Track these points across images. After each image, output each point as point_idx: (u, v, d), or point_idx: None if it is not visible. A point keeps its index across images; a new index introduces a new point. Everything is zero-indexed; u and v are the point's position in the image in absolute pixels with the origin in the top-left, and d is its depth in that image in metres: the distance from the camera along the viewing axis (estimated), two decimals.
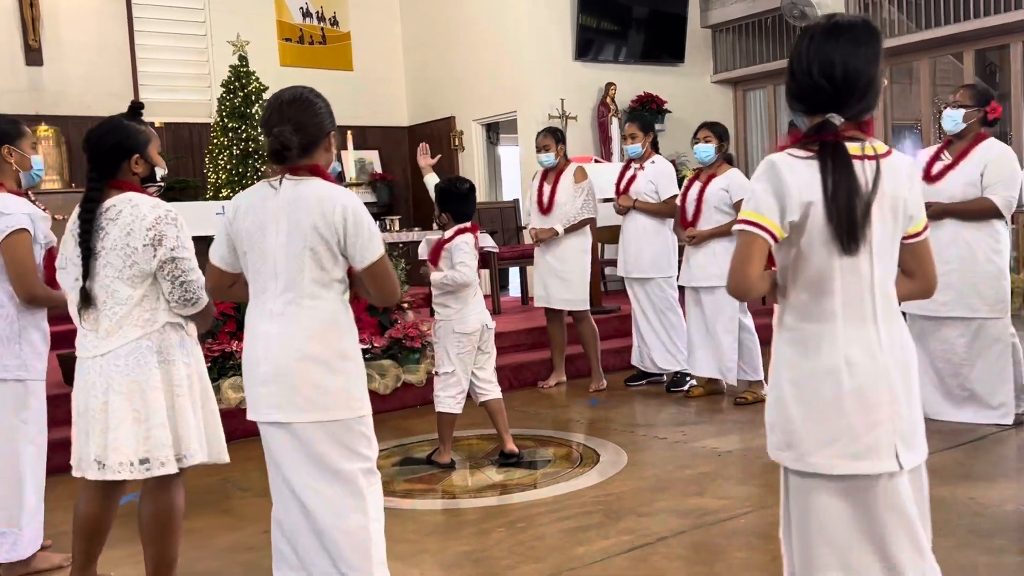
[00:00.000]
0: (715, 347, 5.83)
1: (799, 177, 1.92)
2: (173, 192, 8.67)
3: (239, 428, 5.36)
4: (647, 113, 10.06)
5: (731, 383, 5.87)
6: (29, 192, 3.51)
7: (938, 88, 9.96)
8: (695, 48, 11.45)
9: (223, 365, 5.47)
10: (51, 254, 3.31)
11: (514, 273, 10.82)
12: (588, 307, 6.46)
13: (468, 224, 4.58)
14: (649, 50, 11.02)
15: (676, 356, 6.26)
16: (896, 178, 1.96)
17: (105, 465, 2.82)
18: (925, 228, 2.05)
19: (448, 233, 4.53)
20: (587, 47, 10.59)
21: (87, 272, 2.82)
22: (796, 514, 2.07)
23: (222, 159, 9.64)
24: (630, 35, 10.90)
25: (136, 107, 3.09)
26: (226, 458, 3.10)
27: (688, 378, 6.24)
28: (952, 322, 4.82)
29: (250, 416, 2.67)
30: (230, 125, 9.80)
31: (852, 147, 1.93)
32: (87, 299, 2.84)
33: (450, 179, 4.84)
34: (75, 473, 2.95)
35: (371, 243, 2.54)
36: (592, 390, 6.40)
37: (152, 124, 10.45)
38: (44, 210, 3.47)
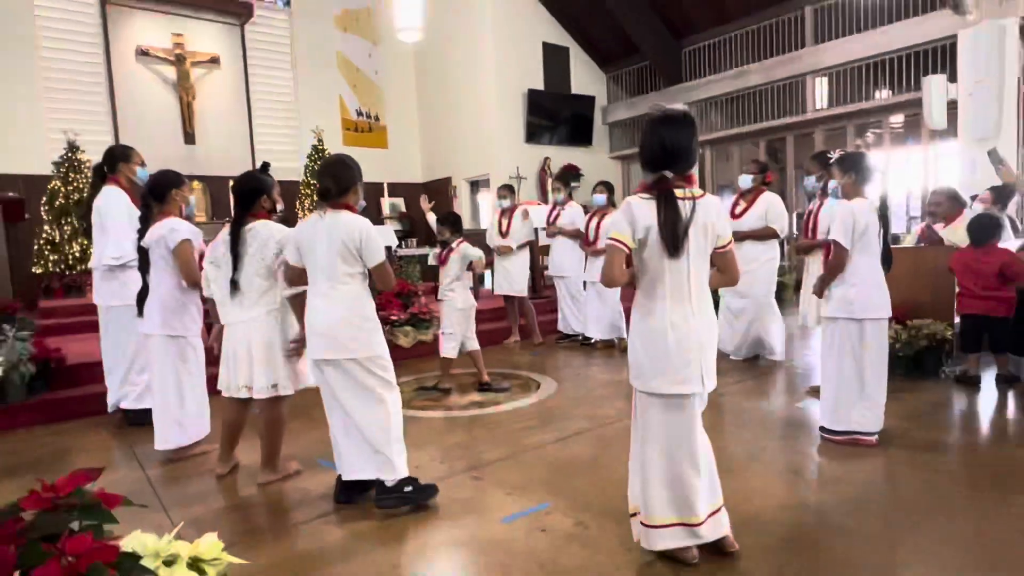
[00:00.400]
0: (608, 318, 5.93)
1: (643, 211, 1.96)
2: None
3: None
4: (568, 174, 10.10)
5: (621, 336, 5.91)
6: (188, 218, 3.47)
7: (743, 162, 10.10)
8: (599, 136, 11.49)
9: None
10: (201, 256, 3.28)
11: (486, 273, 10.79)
12: (526, 294, 6.50)
13: (461, 237, 4.60)
14: (570, 137, 11.05)
15: (583, 323, 6.29)
16: (707, 211, 1.99)
17: (252, 388, 2.89)
18: (729, 243, 2.08)
19: (454, 244, 4.53)
20: (533, 134, 10.59)
21: (235, 269, 2.84)
22: (640, 419, 2.11)
23: (306, 204, 9.52)
24: (559, 128, 10.91)
25: (265, 165, 3.09)
26: (312, 383, 2.98)
27: (592, 338, 6.26)
28: (746, 297, 4.98)
29: (309, 356, 2.67)
30: (310, 182, 9.69)
31: (678, 192, 1.97)
32: (235, 286, 2.86)
33: (452, 212, 4.85)
34: (225, 394, 2.98)
35: (376, 252, 2.60)
36: (534, 344, 6.42)
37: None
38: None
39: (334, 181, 2.61)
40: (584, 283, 6.26)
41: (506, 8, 10.23)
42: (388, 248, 7.13)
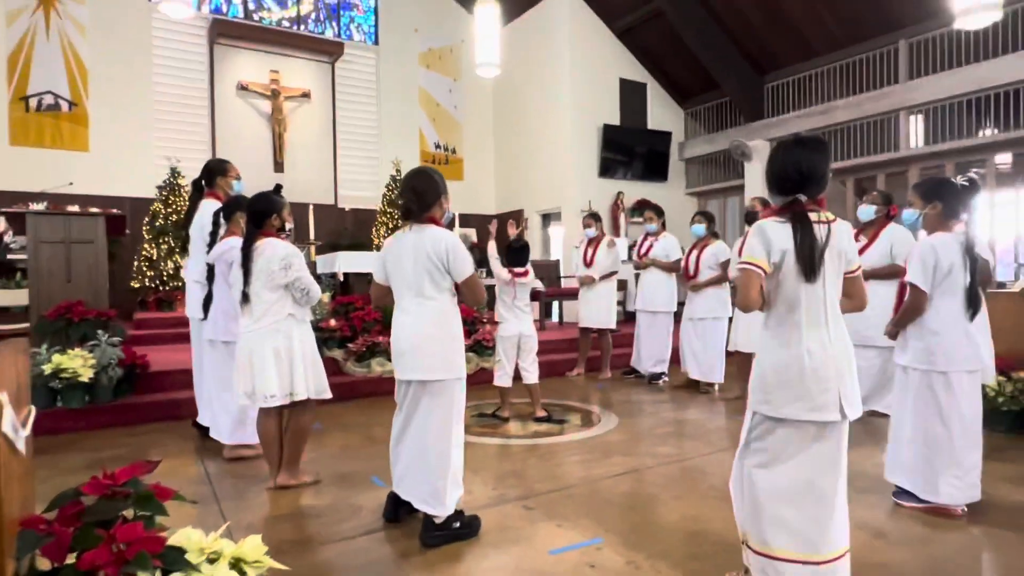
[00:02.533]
0: (708, 360, 5.53)
1: (779, 234, 1.91)
2: (352, 248, 8.84)
3: (374, 389, 5.44)
4: (659, 207, 9.96)
5: (714, 381, 5.55)
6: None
7: (831, 200, 9.64)
8: (674, 172, 11.33)
9: (373, 349, 5.51)
10: None
11: (554, 305, 10.72)
12: (614, 327, 6.26)
13: (519, 269, 4.54)
14: (645, 172, 10.93)
15: (659, 363, 6.04)
16: (840, 236, 1.94)
17: (253, 396, 2.99)
18: (858, 268, 2.01)
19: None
20: (606, 168, 10.55)
21: (245, 283, 2.99)
22: (763, 443, 1.97)
23: (383, 230, 9.85)
24: (634, 163, 10.83)
25: (278, 187, 3.21)
26: (329, 395, 3.13)
27: (663, 376, 6.03)
28: (871, 347, 4.37)
29: (396, 376, 2.63)
30: (387, 210, 10.04)
31: (812, 216, 1.91)
32: (246, 298, 3.01)
33: (513, 241, 4.75)
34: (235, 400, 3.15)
35: (465, 265, 2.55)
36: (600, 379, 6.27)
37: (343, 209, 10.80)
38: None
39: (417, 196, 2.58)
40: (676, 318, 5.93)
41: (584, 46, 10.38)
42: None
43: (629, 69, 10.91)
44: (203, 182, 4.00)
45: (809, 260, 1.87)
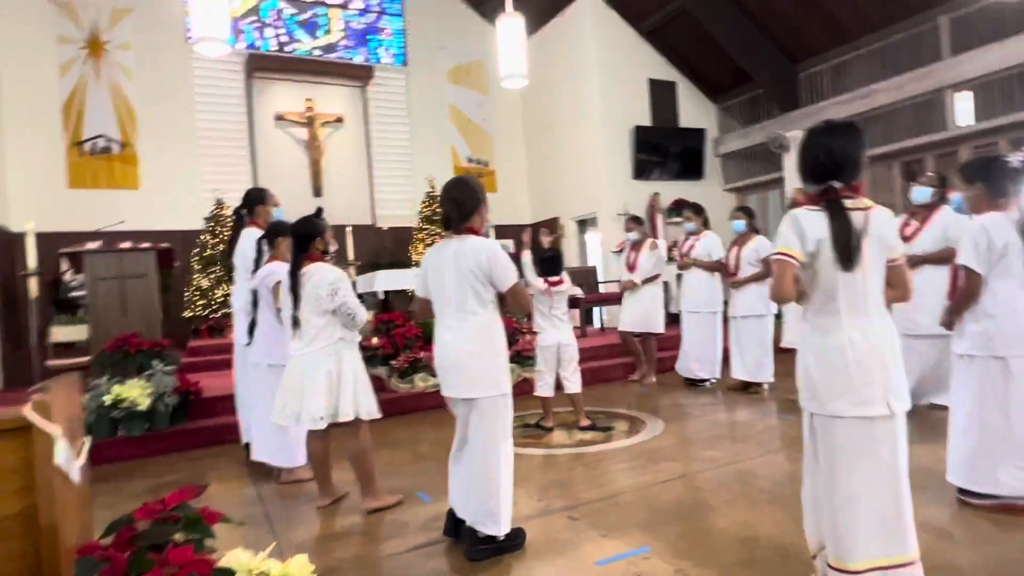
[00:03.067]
0: (755, 358, 5.39)
1: (813, 222, 1.87)
2: (391, 266, 8.99)
3: (419, 404, 5.49)
4: (699, 205, 9.81)
5: (762, 380, 5.38)
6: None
7: (876, 187, 9.30)
8: (711, 169, 11.13)
9: (415, 365, 5.56)
10: None
11: (594, 311, 10.63)
12: (662, 330, 6.11)
13: (554, 279, 4.50)
14: (680, 171, 10.76)
15: (705, 366, 5.88)
16: (880, 223, 1.88)
17: (301, 417, 3.02)
18: (901, 257, 1.94)
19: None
20: (641, 170, 10.44)
21: (295, 307, 3.04)
22: (822, 446, 1.90)
23: (420, 247, 9.99)
24: (668, 162, 10.68)
25: (319, 210, 3.29)
26: (379, 415, 3.12)
27: (710, 379, 5.87)
28: (928, 337, 4.16)
29: (443, 392, 2.62)
30: (424, 227, 10.18)
31: (847, 203, 1.86)
32: (296, 323, 3.05)
33: (548, 250, 4.76)
34: (277, 420, 3.14)
35: (507, 274, 2.49)
36: (644, 383, 6.18)
37: (380, 228, 10.99)
38: None
39: (456, 206, 2.54)
40: (724, 319, 5.81)
41: (610, 49, 10.35)
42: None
43: (657, 69, 10.81)
44: (244, 211, 4.09)
45: (846, 248, 1.81)
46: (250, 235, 3.93)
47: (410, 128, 11.25)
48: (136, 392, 4.30)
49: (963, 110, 8.22)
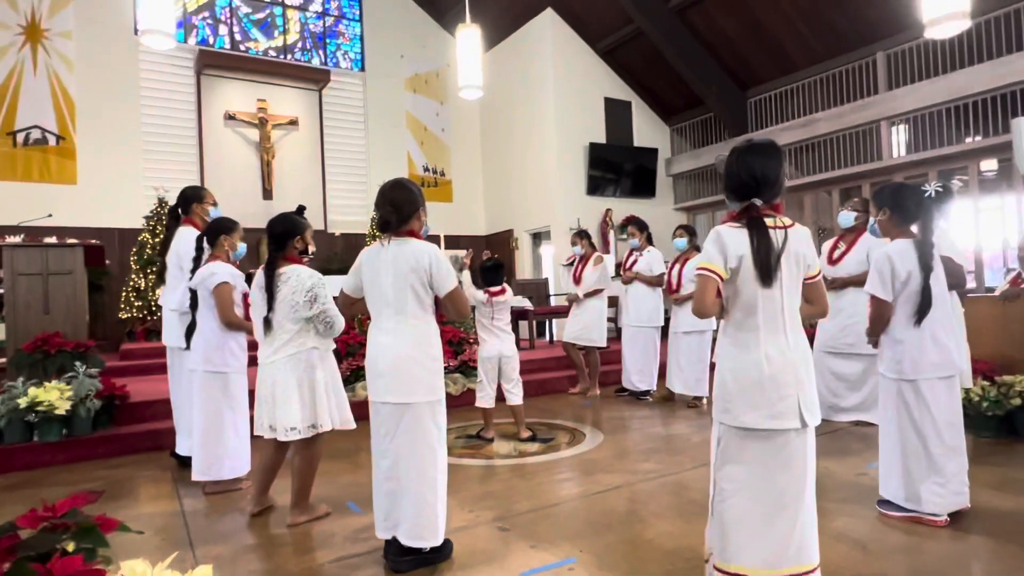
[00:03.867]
0: (694, 372, 5.50)
1: (735, 239, 1.90)
2: (342, 272, 8.82)
3: (362, 413, 5.35)
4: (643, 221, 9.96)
5: (701, 395, 5.49)
6: (235, 262, 3.60)
7: (815, 211, 9.67)
8: (662, 188, 11.39)
9: (358, 374, 5.46)
10: (245, 297, 3.40)
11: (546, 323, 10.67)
12: (604, 344, 6.16)
13: (494, 288, 4.46)
14: (633, 189, 10.98)
15: (645, 379, 5.98)
16: (798, 240, 1.92)
17: (276, 428, 2.87)
18: (818, 274, 1.99)
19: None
20: (595, 187, 10.61)
21: (270, 308, 2.87)
22: (727, 455, 1.93)
23: None
24: (621, 180, 10.89)
25: (301, 208, 3.12)
26: (352, 425, 3.04)
27: (651, 392, 5.96)
28: (854, 356, 4.42)
29: (371, 398, 2.52)
30: (377, 234, 10.01)
31: (768, 221, 1.90)
32: (268, 325, 2.89)
33: (488, 260, 4.69)
34: (256, 433, 2.99)
35: (448, 278, 2.45)
36: (588, 396, 6.21)
37: (332, 234, 10.83)
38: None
39: (395, 209, 2.47)
40: (665, 333, 5.88)
41: (568, 66, 10.50)
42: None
43: (613, 88, 11.02)
44: (179, 210, 3.96)
45: (765, 265, 1.86)
46: (187, 234, 3.78)
47: (366, 134, 11.15)
48: (54, 395, 4.06)
49: (897, 142, 8.64)
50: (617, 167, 10.83)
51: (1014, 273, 4.63)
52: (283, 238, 2.94)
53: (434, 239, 10.34)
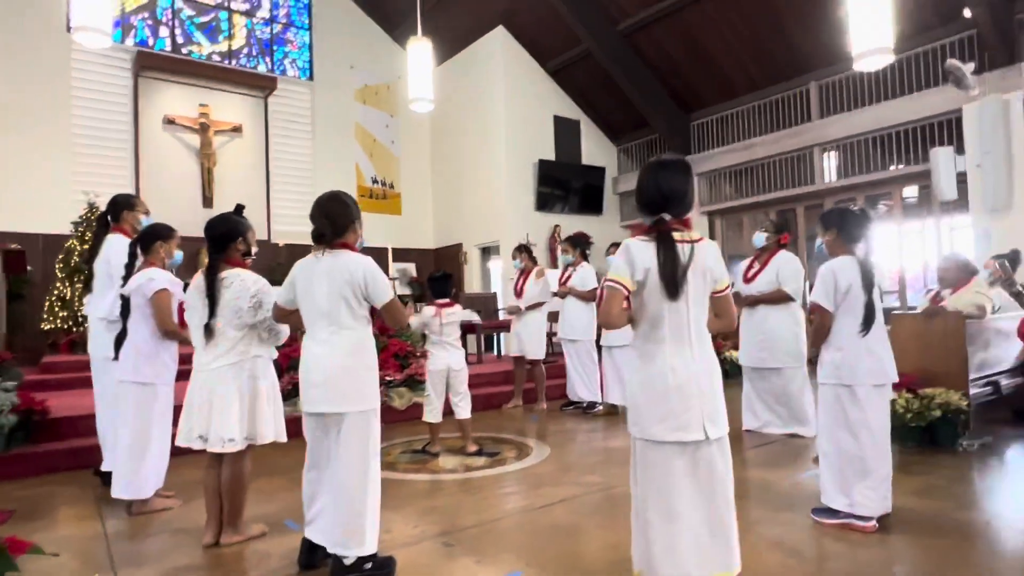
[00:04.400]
0: (622, 385, 5.58)
1: (642, 253, 1.93)
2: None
3: (301, 429, 5.18)
4: (580, 238, 10.10)
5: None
6: (173, 270, 3.46)
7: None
8: (609, 205, 11.61)
9: (298, 387, 5.29)
10: (181, 307, 3.25)
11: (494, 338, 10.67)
12: (542, 357, 6.26)
13: (442, 300, 4.45)
14: (581, 206, 11.14)
15: (591, 390, 6.06)
16: (706, 255, 1.97)
17: (208, 440, 2.74)
18: (726, 288, 2.03)
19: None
20: (543, 203, 10.72)
21: (211, 315, 2.75)
22: (640, 470, 1.98)
23: None
24: (570, 197, 11.03)
25: (240, 207, 3.00)
26: (284, 438, 2.91)
27: (597, 404, 6.03)
28: (770, 370, 4.66)
29: (303, 409, 2.49)
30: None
31: (676, 235, 1.94)
32: (209, 332, 2.76)
33: (436, 272, 4.66)
34: (180, 443, 2.82)
35: (385, 290, 2.46)
36: (535, 410, 6.22)
37: (276, 244, 10.54)
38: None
39: (330, 222, 2.46)
40: (600, 348, 5.99)
41: (518, 83, 10.63)
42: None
43: (563, 107, 11.21)
44: (108, 217, 3.79)
45: (671, 278, 1.89)
46: (117, 241, 3.62)
47: (313, 143, 10.95)
48: None
49: (828, 167, 9.11)
50: (566, 184, 10.98)
51: (933, 292, 4.94)
52: (224, 240, 2.82)
53: (382, 252, 10.24)
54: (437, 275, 4.57)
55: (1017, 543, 2.64)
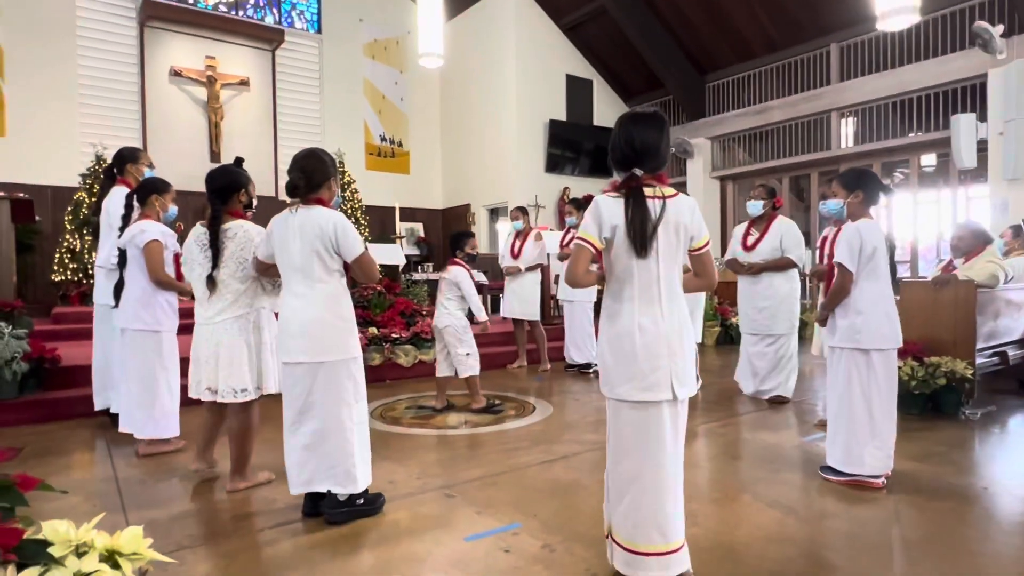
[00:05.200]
0: None
1: (611, 209, 1.89)
2: None
3: None
4: (585, 201, 10.04)
5: None
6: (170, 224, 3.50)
7: None
8: None
9: None
10: (176, 257, 3.32)
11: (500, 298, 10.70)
12: (538, 318, 6.30)
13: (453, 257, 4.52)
14: (592, 168, 11.01)
15: (583, 352, 6.08)
16: (679, 211, 1.90)
17: (216, 391, 2.81)
18: (705, 245, 1.97)
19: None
20: (553, 165, 10.60)
21: (215, 266, 2.78)
22: (612, 429, 1.98)
23: None
24: (580, 159, 10.91)
25: (239, 160, 3.00)
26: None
27: (593, 365, 6.02)
28: (768, 336, 4.66)
29: (281, 359, 2.54)
30: (286, 200, 9.72)
31: (648, 191, 1.89)
32: (213, 283, 2.79)
33: (456, 231, 4.73)
34: (192, 395, 2.89)
35: (355, 244, 2.50)
36: (539, 371, 6.26)
37: (285, 201, 10.55)
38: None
39: (304, 176, 2.50)
40: (596, 308, 6.02)
41: (531, 40, 10.39)
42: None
43: (575, 65, 10.97)
44: (114, 170, 3.85)
45: (638, 235, 1.84)
46: (117, 192, 3.73)
47: (321, 99, 10.81)
48: None
49: (846, 133, 8.91)
50: (576, 145, 10.83)
51: (945, 261, 4.87)
52: (226, 191, 2.83)
53: (389, 211, 10.19)
54: (454, 233, 4.62)
55: (1012, 509, 2.65)
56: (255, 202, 2.98)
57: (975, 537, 2.36)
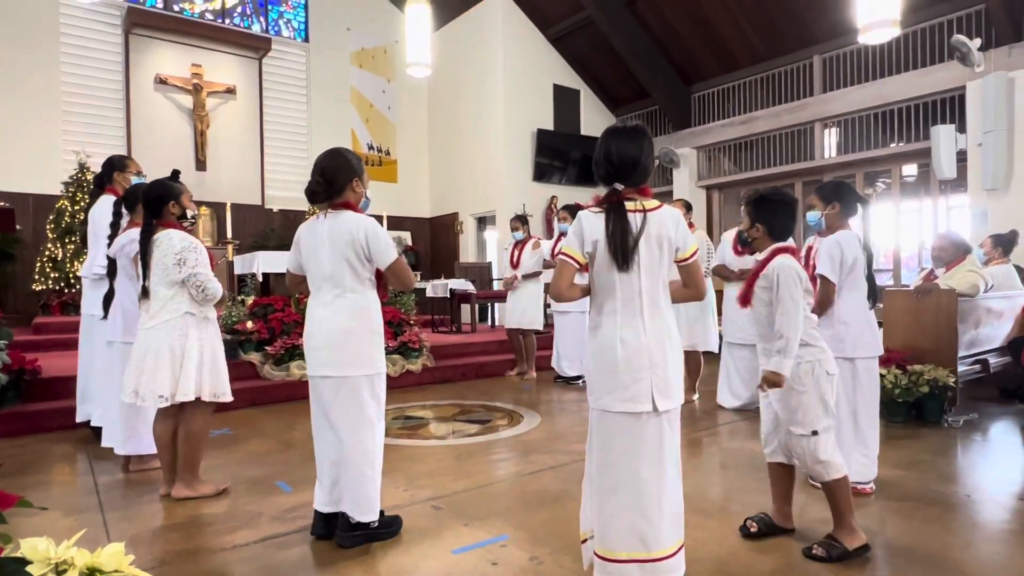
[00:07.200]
0: None
1: (592, 224, 1.91)
2: (279, 249, 8.51)
3: (293, 394, 5.22)
4: (575, 207, 10.07)
5: None
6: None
7: None
8: None
9: (291, 352, 5.30)
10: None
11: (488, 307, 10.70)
12: (539, 327, 6.26)
13: None
14: (579, 177, 11.02)
15: (573, 363, 6.04)
16: (661, 223, 1.90)
17: (139, 395, 2.83)
18: (691, 255, 1.97)
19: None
20: (542, 174, 10.61)
21: (145, 276, 2.87)
22: (594, 438, 1.98)
23: None
24: (568, 168, 10.92)
25: (175, 172, 3.04)
26: (229, 398, 2.95)
27: (582, 377, 6.04)
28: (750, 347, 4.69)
29: (309, 372, 2.45)
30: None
31: (629, 204, 1.89)
32: (145, 293, 2.87)
33: None
34: (123, 399, 2.93)
35: (388, 250, 2.38)
36: (526, 379, 6.25)
37: (270, 210, 10.43)
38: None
39: (324, 180, 2.36)
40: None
41: (518, 50, 10.44)
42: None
43: (563, 75, 11.04)
44: (103, 178, 3.81)
45: (619, 248, 1.85)
46: (104, 201, 3.70)
47: (308, 107, 10.78)
48: None
49: (829, 143, 9.03)
50: (564, 155, 10.87)
51: (927, 270, 4.94)
52: (157, 204, 2.89)
53: (377, 220, 10.15)
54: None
55: (995, 516, 2.68)
56: (191, 213, 2.99)
57: (958, 544, 2.38)
